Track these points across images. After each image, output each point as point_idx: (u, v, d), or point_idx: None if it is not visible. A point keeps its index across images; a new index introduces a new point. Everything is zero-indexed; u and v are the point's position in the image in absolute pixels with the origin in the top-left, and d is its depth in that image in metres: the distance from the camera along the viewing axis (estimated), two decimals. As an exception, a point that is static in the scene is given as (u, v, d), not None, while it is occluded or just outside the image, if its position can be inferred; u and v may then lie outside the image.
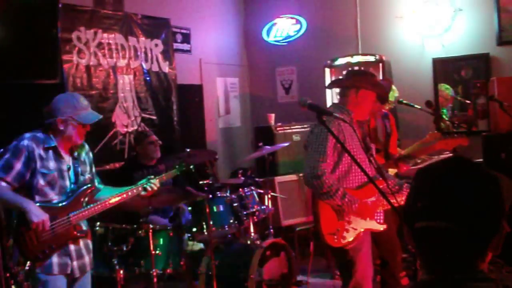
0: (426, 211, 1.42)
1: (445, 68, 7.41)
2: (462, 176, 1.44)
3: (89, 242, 3.76)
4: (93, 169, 3.85)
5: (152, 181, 3.88)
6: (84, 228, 3.70)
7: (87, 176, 3.73)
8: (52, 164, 3.51)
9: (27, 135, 3.51)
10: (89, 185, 3.67)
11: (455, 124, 7.06)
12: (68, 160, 3.62)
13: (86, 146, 3.80)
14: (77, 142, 3.64)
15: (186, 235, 5.17)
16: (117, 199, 3.73)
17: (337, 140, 3.23)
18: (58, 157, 3.55)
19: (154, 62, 7.10)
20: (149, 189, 3.85)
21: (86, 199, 3.63)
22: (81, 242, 3.64)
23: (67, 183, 3.58)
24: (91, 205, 3.62)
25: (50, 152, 3.53)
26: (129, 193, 3.80)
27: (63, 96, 3.68)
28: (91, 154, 3.85)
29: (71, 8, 6.09)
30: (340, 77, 5.56)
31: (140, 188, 3.84)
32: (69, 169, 3.61)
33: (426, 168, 1.51)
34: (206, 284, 4.93)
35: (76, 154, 3.68)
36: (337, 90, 5.64)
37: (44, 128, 3.57)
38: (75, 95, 3.77)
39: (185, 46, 7.83)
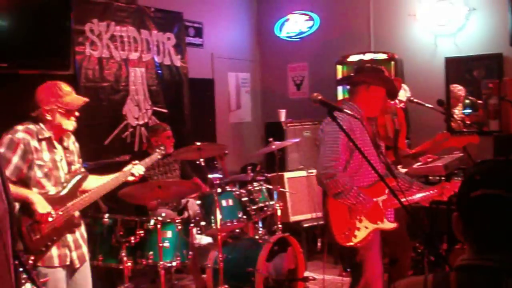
0: (483, 181, 1.47)
1: (457, 68, 7.38)
2: None
3: (84, 231, 3.72)
4: (80, 159, 3.79)
5: (137, 166, 3.88)
6: (76, 216, 3.64)
7: (77, 165, 3.70)
8: (46, 155, 3.46)
9: (20, 127, 3.43)
10: (83, 175, 3.65)
11: (466, 123, 7.03)
12: (60, 150, 3.58)
13: (72, 136, 3.74)
14: (68, 129, 3.58)
15: (195, 229, 5.17)
16: (108, 186, 3.72)
17: (348, 137, 3.18)
18: (51, 148, 3.51)
19: (166, 56, 7.12)
20: (136, 174, 3.86)
21: (81, 188, 3.62)
22: (77, 232, 3.61)
23: (61, 173, 3.54)
24: (86, 194, 3.59)
25: (44, 143, 3.47)
26: (118, 179, 3.80)
27: (44, 86, 3.56)
28: (77, 144, 3.79)
29: (85, 0, 6.11)
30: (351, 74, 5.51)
31: (127, 173, 3.84)
32: (61, 159, 3.56)
33: (483, 161, 1.58)
34: (213, 278, 4.94)
35: (66, 144, 3.64)
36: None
37: (33, 120, 3.49)
38: (56, 83, 3.62)
39: (197, 40, 7.85)
